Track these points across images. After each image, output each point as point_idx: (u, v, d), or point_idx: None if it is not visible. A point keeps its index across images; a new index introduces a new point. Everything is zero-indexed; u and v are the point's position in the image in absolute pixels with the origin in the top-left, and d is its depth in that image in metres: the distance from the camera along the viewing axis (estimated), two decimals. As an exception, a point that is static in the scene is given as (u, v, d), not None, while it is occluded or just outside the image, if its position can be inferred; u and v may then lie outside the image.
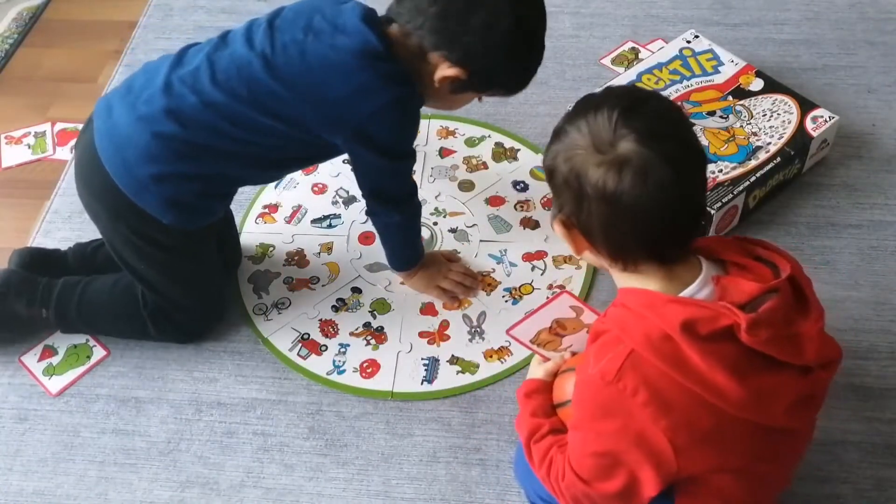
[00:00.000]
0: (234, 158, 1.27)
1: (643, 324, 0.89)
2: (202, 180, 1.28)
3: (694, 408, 0.88)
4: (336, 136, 1.26)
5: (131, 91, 1.26)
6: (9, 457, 1.34)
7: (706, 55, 1.75)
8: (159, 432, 1.35)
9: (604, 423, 0.93)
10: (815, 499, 1.24)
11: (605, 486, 0.96)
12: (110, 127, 1.25)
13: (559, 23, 1.98)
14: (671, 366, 0.87)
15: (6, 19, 2.13)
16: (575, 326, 1.22)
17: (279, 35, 1.22)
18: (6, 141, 1.83)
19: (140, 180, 1.24)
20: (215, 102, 1.21)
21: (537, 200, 1.64)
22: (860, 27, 1.94)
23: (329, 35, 1.21)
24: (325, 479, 1.29)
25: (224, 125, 1.22)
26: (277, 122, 1.23)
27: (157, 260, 1.33)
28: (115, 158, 1.24)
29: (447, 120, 1.78)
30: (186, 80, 1.22)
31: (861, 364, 1.38)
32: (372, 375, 1.40)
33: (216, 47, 1.25)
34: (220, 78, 1.21)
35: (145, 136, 1.22)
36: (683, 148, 0.91)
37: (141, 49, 1.99)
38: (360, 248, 1.58)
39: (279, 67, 1.20)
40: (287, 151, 1.30)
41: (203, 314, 1.44)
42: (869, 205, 1.60)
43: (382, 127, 1.24)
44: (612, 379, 0.89)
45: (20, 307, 1.41)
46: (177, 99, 1.22)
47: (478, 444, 1.32)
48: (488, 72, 1.23)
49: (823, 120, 1.60)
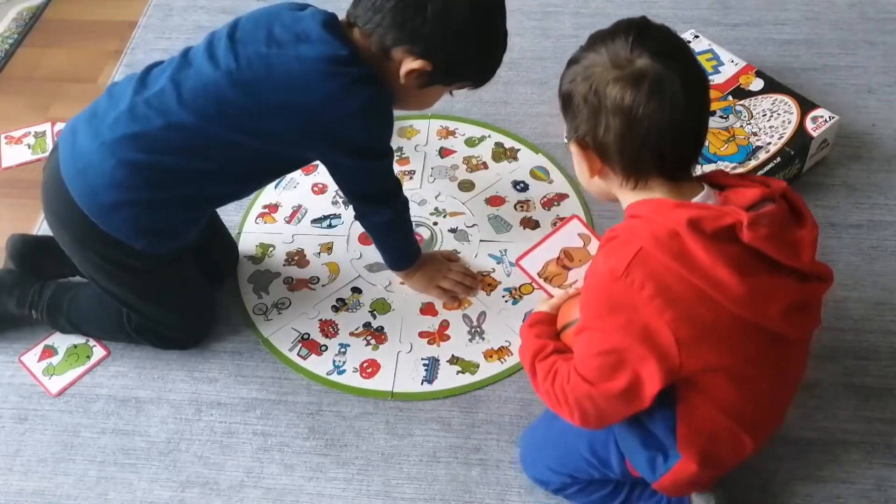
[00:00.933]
0: (206, 178, 1.25)
1: (651, 225, 0.95)
2: (172, 205, 1.26)
3: (696, 301, 0.93)
4: (311, 146, 1.25)
5: (95, 115, 1.24)
6: (9, 457, 1.34)
7: (706, 55, 1.75)
8: (159, 432, 1.35)
9: (610, 319, 0.96)
10: (815, 499, 1.24)
11: (609, 386, 0.98)
12: (75, 153, 1.23)
13: (559, 23, 1.98)
14: (677, 260, 0.92)
15: (6, 19, 2.13)
16: (582, 257, 1.23)
17: (242, 49, 1.20)
18: (6, 141, 1.83)
19: (107, 207, 1.22)
20: (184, 124, 1.19)
21: (537, 200, 1.64)
22: (860, 27, 1.94)
23: (292, 45, 1.19)
24: (325, 479, 1.29)
25: (194, 145, 1.20)
26: (250, 139, 1.21)
27: (132, 284, 1.32)
28: (81, 185, 1.22)
29: (447, 120, 1.78)
30: (152, 102, 1.20)
31: (861, 364, 1.38)
32: (372, 375, 1.40)
33: (179, 67, 1.22)
34: (187, 98, 1.19)
35: (110, 162, 1.20)
36: (692, 68, 0.98)
37: (141, 49, 1.99)
38: (360, 248, 1.58)
39: (246, 84, 1.18)
40: (261, 166, 1.29)
41: (187, 327, 1.43)
42: (869, 205, 1.60)
43: (357, 131, 1.23)
44: (620, 275, 0.94)
45: (11, 306, 1.42)
46: (142, 122, 1.19)
47: (478, 444, 1.31)
48: (452, 61, 1.22)
49: (823, 120, 1.60)
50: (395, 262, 1.49)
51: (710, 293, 0.92)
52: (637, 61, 0.95)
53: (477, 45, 1.23)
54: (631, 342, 0.95)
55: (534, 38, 1.94)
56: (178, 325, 1.41)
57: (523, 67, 1.88)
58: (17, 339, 1.47)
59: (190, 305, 1.42)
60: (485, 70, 1.28)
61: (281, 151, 1.25)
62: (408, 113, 1.76)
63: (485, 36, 1.23)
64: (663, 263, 0.92)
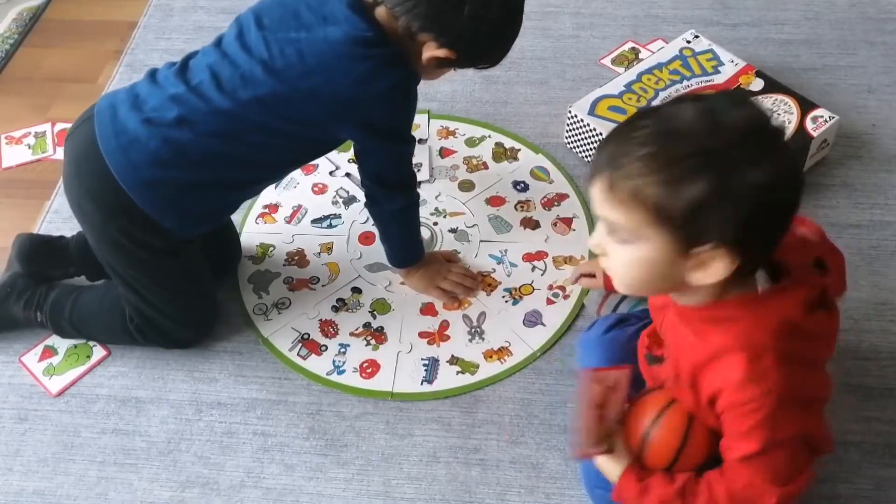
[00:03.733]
0: (244, 162, 1.28)
1: (762, 323, 0.93)
2: (209, 187, 1.29)
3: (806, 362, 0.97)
4: (342, 128, 1.28)
5: (138, 97, 1.27)
6: (9, 457, 1.34)
7: (706, 55, 1.75)
8: (159, 432, 1.35)
9: (783, 426, 0.95)
10: (816, 499, 1.23)
11: (808, 472, 0.99)
12: (116, 128, 1.25)
13: (559, 23, 1.98)
14: (796, 339, 0.94)
15: (6, 20, 2.13)
16: (610, 398, 1.09)
17: (272, 36, 1.23)
18: (6, 141, 1.83)
19: (147, 183, 1.24)
20: (225, 110, 1.22)
21: (537, 200, 1.64)
22: (860, 27, 1.94)
23: (320, 27, 1.22)
24: (325, 479, 1.29)
25: (234, 130, 1.23)
26: (286, 123, 1.24)
27: (145, 264, 1.32)
28: (122, 158, 1.24)
29: (447, 120, 1.78)
30: (197, 90, 1.23)
31: (861, 364, 1.38)
32: (372, 375, 1.40)
33: (216, 57, 1.25)
34: (226, 87, 1.22)
35: (155, 140, 1.23)
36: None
37: (141, 49, 1.99)
38: (360, 248, 1.58)
39: (280, 71, 1.21)
40: (295, 150, 1.33)
41: (191, 322, 1.43)
42: (869, 205, 1.60)
43: (385, 111, 1.26)
44: (773, 388, 0.93)
45: (17, 309, 1.43)
46: (187, 107, 1.23)
47: (478, 444, 1.32)
48: (475, 53, 1.27)
49: (823, 120, 1.61)
50: (398, 259, 1.48)
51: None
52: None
53: (502, 42, 1.28)
54: (806, 422, 0.97)
55: (534, 38, 1.94)
56: (182, 319, 1.41)
57: (523, 67, 1.88)
58: (17, 340, 1.47)
59: (197, 298, 1.42)
60: (501, 57, 1.31)
61: (314, 134, 1.29)
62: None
63: (510, 33, 1.28)
64: (787, 348, 0.94)
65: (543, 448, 1.30)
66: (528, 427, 1.33)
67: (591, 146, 1.66)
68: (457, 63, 1.27)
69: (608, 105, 1.66)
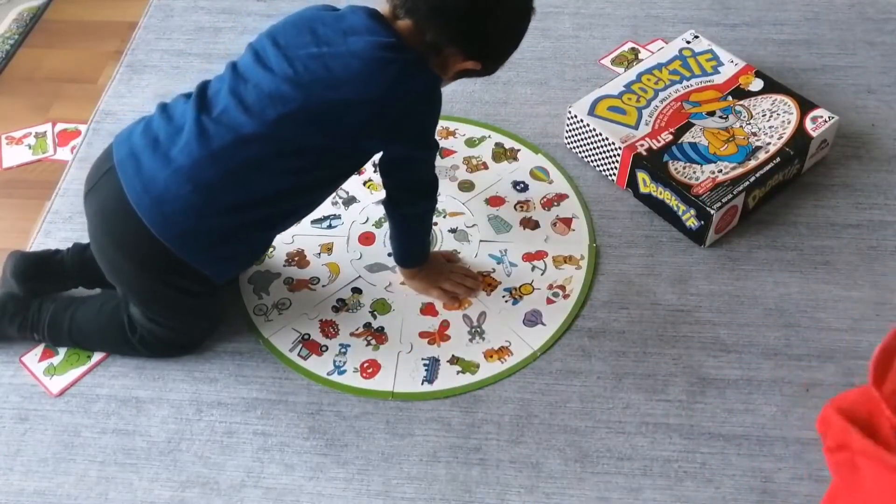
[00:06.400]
0: (279, 195, 1.25)
1: None
2: (248, 227, 1.27)
3: None
4: (373, 136, 1.27)
5: (157, 140, 1.23)
6: (9, 457, 1.34)
7: (706, 55, 1.75)
8: (160, 432, 1.35)
9: None
10: (816, 498, 1.24)
11: None
12: (144, 180, 1.21)
13: (559, 23, 1.98)
14: None
15: (7, 20, 2.13)
16: None
17: (293, 53, 1.21)
18: (7, 141, 1.83)
19: (185, 233, 1.22)
20: (253, 134, 1.19)
21: (537, 201, 1.64)
22: (860, 27, 1.94)
23: (341, 42, 1.21)
24: (326, 478, 1.29)
25: (266, 155, 1.21)
26: (317, 139, 1.21)
27: (182, 305, 1.33)
28: (156, 213, 1.21)
29: (447, 120, 1.78)
30: (221, 120, 1.20)
31: (861, 364, 1.38)
32: (372, 376, 1.40)
33: (235, 82, 1.23)
34: (253, 109, 1.19)
35: (186, 187, 1.20)
36: None
37: (141, 50, 1.99)
38: (360, 248, 1.58)
39: (308, 85, 1.19)
40: (326, 170, 1.29)
41: (200, 336, 1.43)
42: (869, 205, 1.60)
43: (415, 116, 1.26)
44: None
45: (12, 331, 1.41)
46: (214, 141, 1.19)
47: (478, 444, 1.32)
48: (498, 63, 1.31)
49: (823, 120, 1.61)
50: (406, 260, 1.48)
51: None
52: None
53: (517, 44, 1.32)
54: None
55: (534, 38, 1.94)
56: (193, 335, 1.41)
57: (523, 67, 1.88)
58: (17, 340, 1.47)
59: (213, 318, 1.43)
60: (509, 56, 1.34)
61: (344, 148, 1.26)
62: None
63: (524, 33, 1.31)
64: None
65: (543, 448, 1.31)
66: (528, 427, 1.33)
67: (591, 146, 1.66)
68: (482, 73, 1.29)
69: (608, 105, 1.66)
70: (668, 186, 1.54)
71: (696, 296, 1.48)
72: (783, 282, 1.50)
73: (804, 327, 1.44)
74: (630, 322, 1.45)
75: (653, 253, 1.55)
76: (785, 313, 1.45)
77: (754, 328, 1.44)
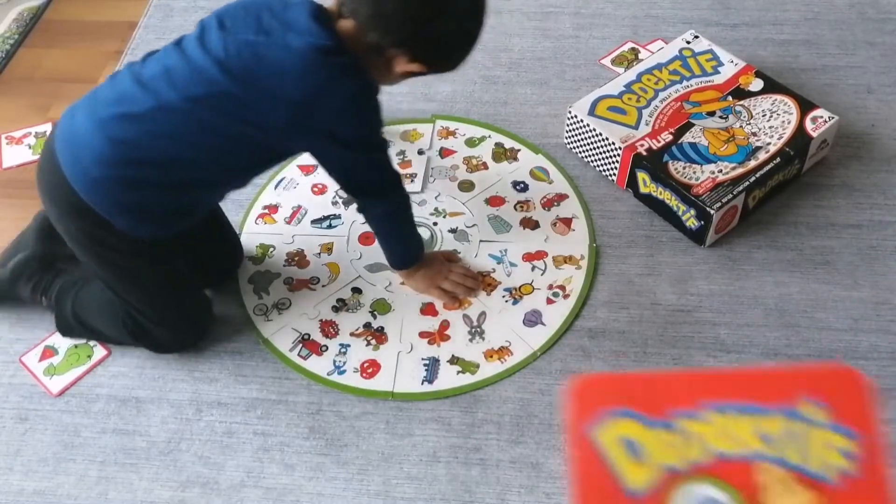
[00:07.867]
0: (189, 164, 1.25)
1: None
2: (155, 187, 1.26)
3: None
4: (301, 138, 1.26)
5: (95, 97, 1.27)
6: (9, 456, 1.34)
7: (706, 55, 1.75)
8: (160, 432, 1.35)
9: None
10: (815, 498, 1.24)
11: None
12: (71, 131, 1.25)
13: (559, 23, 1.98)
14: None
15: (7, 20, 2.13)
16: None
17: (231, 37, 1.21)
18: (7, 141, 1.84)
19: (92, 181, 1.23)
20: (173, 107, 1.20)
21: (537, 201, 1.64)
22: (860, 27, 1.94)
23: (280, 34, 1.20)
24: (326, 478, 1.29)
25: (181, 130, 1.22)
26: (238, 126, 1.22)
27: (115, 265, 1.32)
28: (71, 159, 1.24)
29: (447, 120, 1.79)
30: (147, 85, 1.22)
31: (861, 364, 1.38)
32: (372, 375, 1.40)
33: (172, 54, 1.24)
34: (179, 83, 1.21)
35: (99, 137, 1.22)
36: None
37: (141, 49, 1.99)
38: (360, 248, 1.58)
39: (235, 72, 1.19)
40: (246, 156, 1.29)
41: (177, 330, 1.42)
42: (868, 205, 1.61)
43: (347, 122, 1.25)
44: None
45: (26, 292, 1.45)
46: (134, 104, 1.22)
47: (478, 444, 1.32)
48: (444, 66, 1.29)
49: (823, 120, 1.61)
50: (397, 261, 1.48)
51: None
52: None
53: (469, 47, 1.28)
54: None
55: (534, 38, 1.94)
56: (168, 325, 1.40)
57: (523, 67, 1.88)
58: (17, 340, 1.47)
59: (180, 306, 1.42)
60: (463, 60, 1.31)
61: (267, 141, 1.25)
62: (412, 116, 1.78)
63: (476, 37, 1.27)
64: None
65: (543, 448, 1.31)
66: (528, 427, 1.33)
67: (591, 146, 1.66)
68: (423, 74, 1.26)
69: (608, 105, 1.66)
70: (668, 186, 1.54)
71: (696, 296, 1.48)
72: (783, 282, 1.50)
73: (804, 327, 1.44)
74: (630, 322, 1.45)
75: (653, 253, 1.55)
76: (785, 313, 1.45)
77: (754, 328, 1.44)
